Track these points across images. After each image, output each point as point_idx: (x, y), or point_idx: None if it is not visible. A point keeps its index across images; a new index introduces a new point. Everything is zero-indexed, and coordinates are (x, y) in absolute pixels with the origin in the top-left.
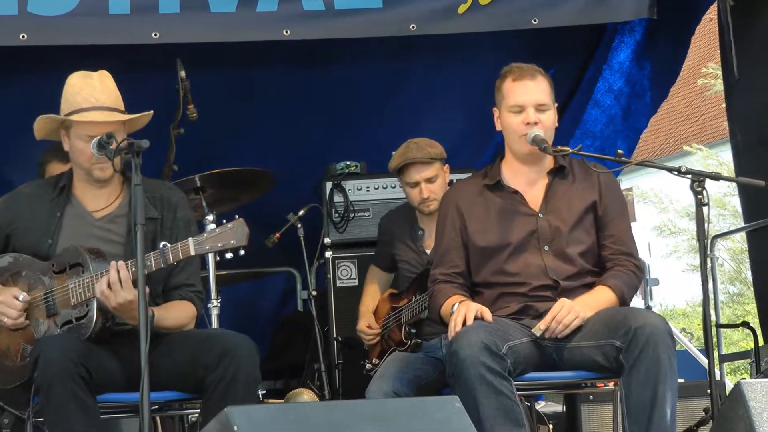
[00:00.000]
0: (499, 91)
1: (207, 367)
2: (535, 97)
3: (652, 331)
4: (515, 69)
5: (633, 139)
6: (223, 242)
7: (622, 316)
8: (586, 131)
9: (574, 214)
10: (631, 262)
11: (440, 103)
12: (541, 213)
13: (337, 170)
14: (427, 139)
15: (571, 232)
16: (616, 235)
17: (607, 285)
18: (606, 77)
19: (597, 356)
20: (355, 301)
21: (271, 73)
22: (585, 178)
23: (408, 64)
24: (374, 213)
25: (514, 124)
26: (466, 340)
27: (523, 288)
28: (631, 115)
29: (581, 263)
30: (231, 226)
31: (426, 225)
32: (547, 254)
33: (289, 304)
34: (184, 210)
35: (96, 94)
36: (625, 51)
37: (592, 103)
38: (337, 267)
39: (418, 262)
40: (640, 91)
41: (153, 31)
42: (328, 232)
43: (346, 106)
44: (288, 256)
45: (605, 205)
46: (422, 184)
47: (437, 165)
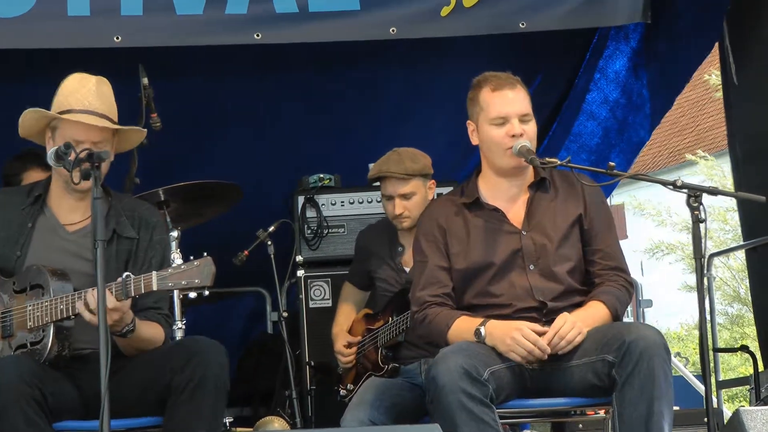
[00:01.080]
0: (475, 102)
1: (174, 370)
2: (517, 107)
3: (647, 345)
4: (491, 78)
5: (630, 153)
6: (187, 280)
7: (615, 330)
8: (582, 145)
9: (560, 230)
10: (622, 278)
11: (421, 111)
12: (524, 230)
13: (309, 183)
14: (413, 151)
15: (558, 249)
16: (605, 250)
17: (599, 300)
18: (601, 87)
19: (588, 375)
20: (329, 323)
21: (240, 79)
22: (568, 190)
23: (386, 68)
24: (349, 229)
25: (498, 136)
26: (445, 366)
27: (508, 310)
28: (627, 127)
29: (569, 282)
30: (197, 264)
31: (406, 241)
32: (532, 274)
33: (259, 327)
34: (161, 233)
35: (90, 98)
36: (620, 59)
37: (587, 115)
38: (310, 287)
39: (397, 281)
40: (638, 102)
41: (115, 35)
42: (300, 249)
43: (319, 115)
44: (257, 275)
45: (591, 218)
46: (396, 199)
47: (416, 182)
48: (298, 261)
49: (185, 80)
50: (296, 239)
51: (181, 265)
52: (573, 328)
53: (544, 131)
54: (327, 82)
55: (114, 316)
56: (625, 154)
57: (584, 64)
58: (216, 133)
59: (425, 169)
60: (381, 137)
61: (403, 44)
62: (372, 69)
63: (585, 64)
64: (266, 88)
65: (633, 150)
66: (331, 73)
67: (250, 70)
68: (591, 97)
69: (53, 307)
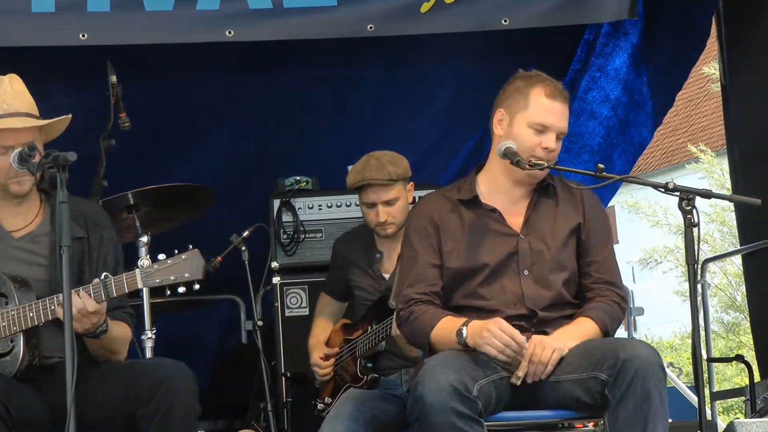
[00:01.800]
0: (522, 96)
1: (138, 400)
2: (562, 124)
3: (642, 364)
4: (548, 82)
5: (632, 153)
6: (176, 275)
7: (609, 346)
8: (584, 146)
9: (559, 238)
10: (614, 292)
11: (400, 111)
12: (522, 234)
13: (285, 186)
14: (391, 154)
15: (555, 257)
16: (600, 262)
17: (588, 316)
18: (602, 86)
19: (578, 392)
20: (306, 332)
21: (212, 78)
22: (568, 197)
23: (365, 67)
24: (327, 234)
25: (532, 142)
26: (433, 384)
27: (496, 316)
28: (629, 126)
29: (562, 292)
30: (185, 257)
31: (384, 248)
32: (526, 279)
33: (233, 336)
34: (110, 229)
35: (9, 99)
36: (620, 56)
37: (588, 114)
38: (286, 294)
39: (375, 289)
40: (639, 100)
41: (80, 32)
42: (276, 255)
43: (296, 115)
44: (231, 282)
45: (589, 228)
46: (379, 206)
47: (399, 186)
48: (274, 267)
49: (156, 79)
50: (272, 244)
51: (167, 259)
52: (545, 348)
53: None
54: (303, 82)
55: (93, 320)
56: (627, 154)
57: (575, 60)
58: (188, 134)
59: (406, 172)
60: (359, 138)
61: (382, 42)
62: (349, 67)
63: (583, 63)
64: (240, 88)
65: (635, 150)
66: (307, 72)
67: (223, 68)
68: (591, 96)
69: (21, 316)
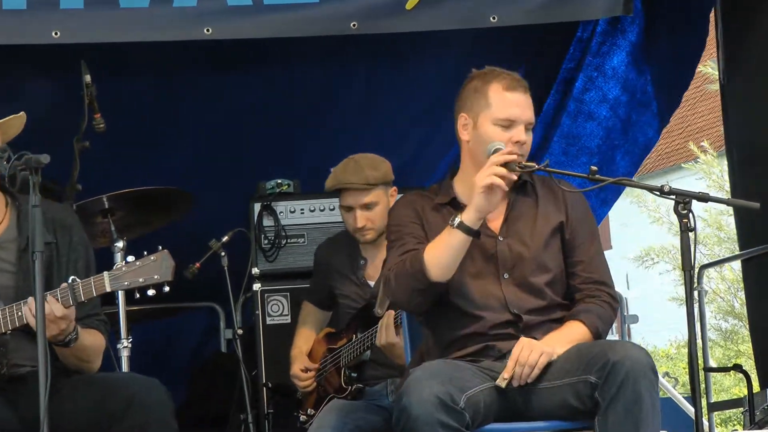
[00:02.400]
0: (482, 95)
1: (113, 417)
2: (527, 115)
3: (633, 365)
4: (504, 75)
5: (637, 154)
6: (144, 277)
7: (598, 348)
8: (582, 147)
9: (539, 238)
10: (605, 292)
11: (386, 112)
12: (501, 236)
13: (266, 189)
14: (372, 157)
15: (536, 258)
16: (587, 261)
17: (578, 320)
18: (599, 86)
19: (569, 397)
20: (288, 341)
21: (190, 78)
22: (548, 196)
23: (348, 66)
24: (310, 239)
25: (501, 139)
26: (418, 395)
27: (481, 322)
28: (632, 126)
29: (547, 294)
30: (154, 259)
31: (369, 254)
32: (507, 283)
33: (212, 345)
34: (79, 233)
35: None
36: (618, 55)
37: (585, 115)
38: (267, 301)
39: (360, 296)
40: (643, 100)
41: (53, 30)
42: (257, 261)
43: (277, 116)
44: (210, 288)
45: (573, 226)
46: (357, 210)
47: (378, 191)
48: (255, 273)
49: (132, 78)
50: (252, 250)
51: (136, 261)
52: (532, 351)
53: None
54: (284, 81)
55: (62, 325)
56: (632, 155)
57: (567, 58)
58: (165, 136)
59: (387, 176)
60: (343, 140)
61: (366, 40)
62: (332, 67)
63: (577, 62)
64: (219, 87)
65: (640, 151)
66: (289, 71)
67: (201, 67)
68: (589, 96)
69: None
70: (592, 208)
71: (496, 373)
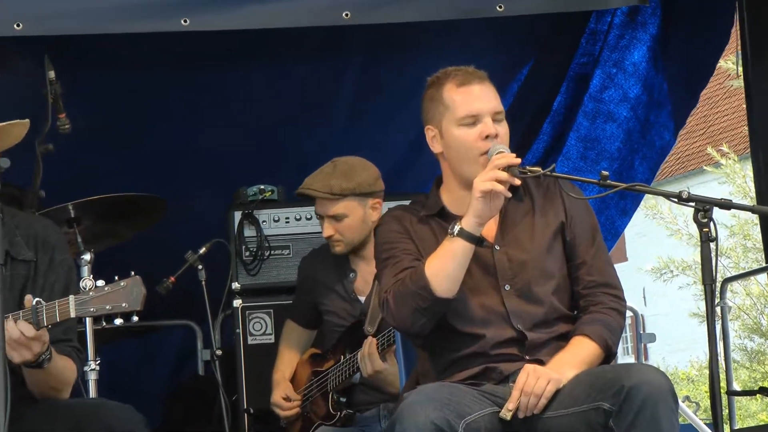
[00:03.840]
0: (437, 102)
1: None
2: (490, 104)
3: (651, 390)
4: (454, 72)
5: (654, 159)
6: (112, 304)
7: (612, 373)
8: (601, 151)
9: (540, 243)
10: (610, 295)
11: (380, 111)
12: (497, 245)
13: (248, 196)
14: (351, 164)
15: (538, 264)
16: (589, 263)
17: (584, 335)
18: (619, 83)
19: (579, 426)
20: (272, 363)
21: (165, 74)
22: (545, 196)
23: (339, 61)
24: (295, 251)
25: (469, 139)
26: (413, 421)
27: (480, 341)
28: (649, 129)
29: (553, 304)
30: (124, 285)
31: (359, 266)
32: (508, 295)
33: (188, 367)
34: (62, 253)
35: None
36: (639, 49)
37: (605, 116)
38: (249, 319)
39: (348, 313)
40: (659, 99)
41: (15, 21)
42: (237, 274)
43: (260, 116)
44: (185, 305)
45: (573, 226)
46: (325, 219)
47: (348, 203)
48: (235, 289)
49: (101, 75)
50: (232, 263)
51: (104, 286)
52: (539, 378)
53: (531, 134)
54: (268, 78)
55: (35, 348)
56: (649, 160)
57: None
58: (136, 138)
59: (360, 187)
60: (332, 141)
61: (359, 31)
62: (321, 62)
63: (589, 56)
64: (196, 85)
65: (657, 156)
66: (273, 67)
67: (177, 62)
68: (608, 95)
69: None
70: (611, 218)
71: (498, 397)
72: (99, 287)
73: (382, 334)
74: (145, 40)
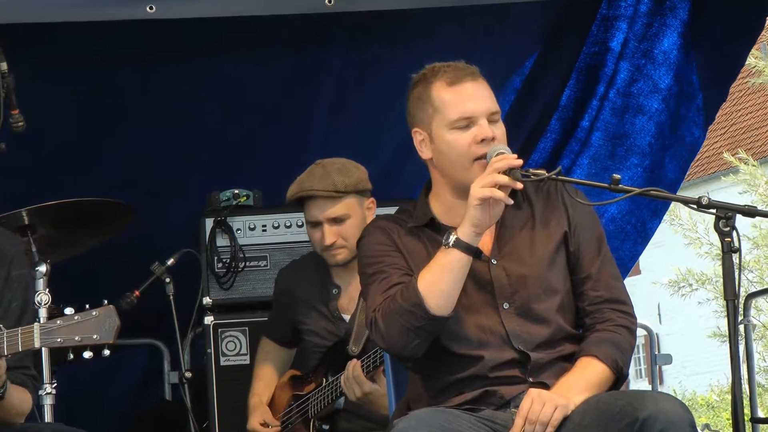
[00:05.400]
0: (425, 103)
1: None
2: (485, 104)
3: (668, 422)
4: (444, 69)
5: (684, 157)
6: (81, 335)
7: (624, 401)
8: (631, 147)
9: (541, 255)
10: (618, 312)
11: (366, 109)
12: (493, 258)
13: (221, 202)
14: (343, 162)
15: (540, 279)
16: (595, 276)
17: (591, 356)
18: (648, 74)
19: None
20: (247, 386)
21: (128, 67)
22: (545, 203)
23: (321, 53)
24: (273, 262)
25: (463, 144)
26: None
27: (479, 363)
28: (680, 123)
29: (557, 323)
30: (96, 314)
31: (343, 280)
32: (507, 314)
33: (153, 391)
34: (20, 266)
35: None
36: (669, 37)
37: (634, 110)
38: (221, 338)
39: (331, 332)
40: (689, 91)
41: None
42: (209, 288)
43: (234, 113)
44: (152, 322)
45: (578, 236)
46: (325, 225)
47: (350, 201)
48: (206, 304)
49: (59, 68)
50: (203, 275)
51: (74, 315)
52: (544, 405)
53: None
54: (243, 72)
55: None
56: (679, 158)
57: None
58: (98, 137)
59: (360, 183)
60: (313, 141)
61: (343, 20)
62: (301, 54)
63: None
64: (164, 78)
65: (687, 153)
66: (248, 60)
67: (142, 54)
68: (637, 88)
69: None
70: (642, 220)
71: (498, 424)
72: (68, 315)
73: (368, 355)
74: (108, 30)
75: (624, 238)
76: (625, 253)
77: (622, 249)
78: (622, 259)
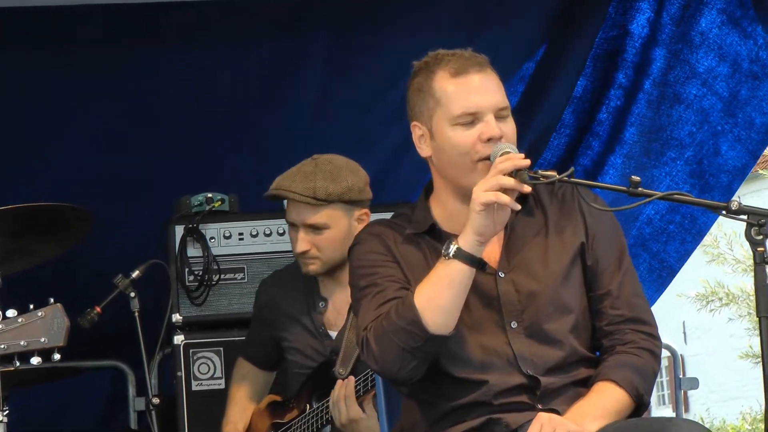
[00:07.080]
0: (426, 94)
1: None
2: (493, 99)
3: None
4: (449, 58)
5: (755, 141)
6: (27, 339)
7: (645, 428)
8: (667, 140)
9: (555, 269)
10: (641, 333)
11: (353, 104)
12: (501, 271)
13: (192, 207)
14: (340, 164)
15: (552, 297)
16: (615, 293)
17: (609, 380)
18: (685, 59)
19: None
20: (220, 413)
21: (83, 56)
22: (561, 210)
23: (303, 41)
24: (251, 274)
25: (467, 142)
26: None
27: (483, 388)
28: (742, 105)
29: (570, 345)
30: (42, 315)
31: (329, 292)
32: (515, 334)
33: (117, 419)
34: None
35: None
36: (708, 16)
37: (670, 100)
38: (193, 360)
39: (316, 351)
40: (755, 69)
41: None
42: (179, 304)
43: (206, 109)
44: (115, 342)
45: (596, 247)
46: (301, 230)
47: (333, 211)
48: (176, 321)
49: (4, 58)
50: (173, 289)
51: (17, 317)
52: (555, 430)
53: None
54: (216, 61)
55: None
56: (745, 142)
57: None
58: (52, 135)
59: (349, 192)
60: (296, 139)
61: (328, 5)
62: (282, 42)
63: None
64: (125, 69)
65: (760, 137)
66: (223, 49)
67: (99, 42)
68: (674, 75)
69: None
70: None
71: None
72: (10, 318)
73: (359, 378)
74: (60, 15)
75: (666, 239)
76: (670, 255)
77: (665, 251)
78: (667, 261)
